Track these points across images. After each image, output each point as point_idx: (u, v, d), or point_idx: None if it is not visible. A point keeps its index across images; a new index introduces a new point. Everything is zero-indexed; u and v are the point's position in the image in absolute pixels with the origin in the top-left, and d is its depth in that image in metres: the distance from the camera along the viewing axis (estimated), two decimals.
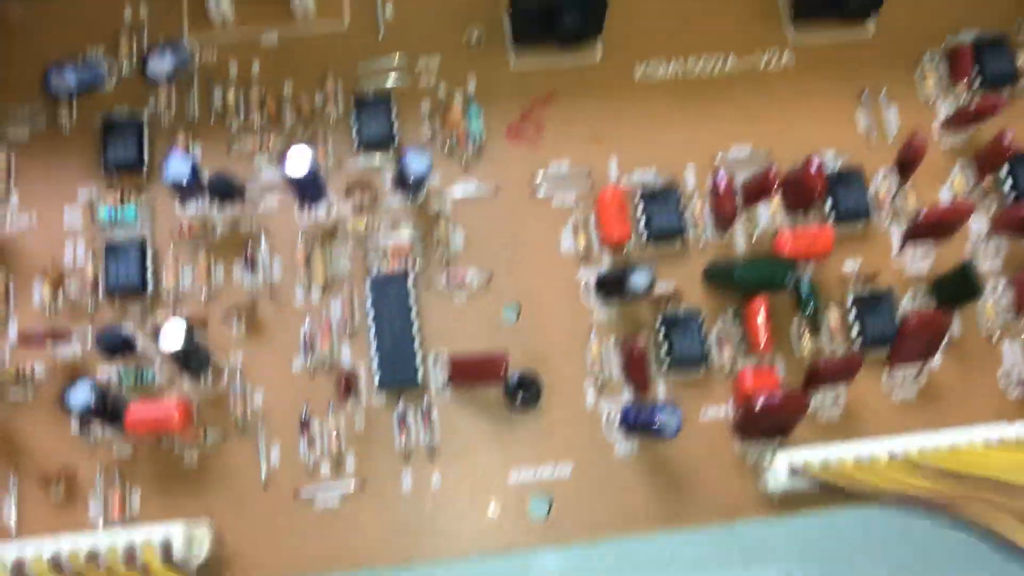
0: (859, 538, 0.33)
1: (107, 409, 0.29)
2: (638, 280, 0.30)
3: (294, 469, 0.31)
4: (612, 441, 0.32)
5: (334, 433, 0.31)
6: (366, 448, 0.31)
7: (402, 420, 0.31)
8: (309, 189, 0.31)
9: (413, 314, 0.32)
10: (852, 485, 0.29)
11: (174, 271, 0.32)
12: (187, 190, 0.31)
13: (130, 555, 0.28)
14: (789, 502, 0.31)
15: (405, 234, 0.33)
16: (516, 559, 0.31)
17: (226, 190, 0.32)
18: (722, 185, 0.31)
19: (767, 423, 0.30)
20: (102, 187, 0.33)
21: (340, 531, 0.30)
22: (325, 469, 0.31)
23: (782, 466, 0.30)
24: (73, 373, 0.31)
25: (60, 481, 0.30)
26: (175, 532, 0.28)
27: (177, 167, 0.30)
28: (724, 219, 0.32)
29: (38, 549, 0.28)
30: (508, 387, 0.32)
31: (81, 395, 0.28)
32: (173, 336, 0.29)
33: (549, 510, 0.31)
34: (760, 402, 0.29)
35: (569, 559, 0.32)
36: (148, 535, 0.28)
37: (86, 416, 0.29)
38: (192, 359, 0.30)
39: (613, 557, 0.32)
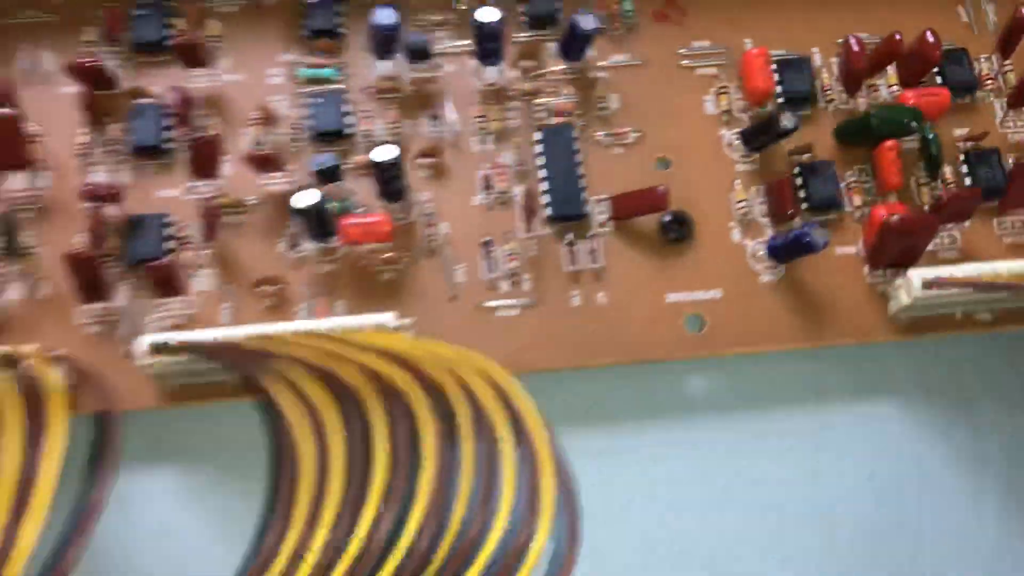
0: (981, 369, 0.36)
1: (322, 218, 0.33)
2: (787, 120, 0.34)
3: (476, 286, 0.35)
4: (756, 271, 0.35)
5: (511, 256, 0.35)
6: (539, 270, 0.35)
7: (571, 247, 0.35)
8: (491, 44, 0.35)
9: (578, 158, 0.36)
10: (986, 282, 0.32)
11: (368, 122, 0.36)
12: (385, 44, 0.36)
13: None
14: (914, 327, 0.35)
15: (568, 96, 0.37)
16: (671, 368, 0.35)
17: (420, 49, 0.36)
18: (854, 44, 0.36)
19: (899, 244, 0.34)
20: (303, 53, 0.37)
21: (517, 340, 0.34)
22: (503, 287, 0.35)
23: (915, 280, 0.33)
24: (284, 200, 0.35)
25: (271, 289, 0.34)
26: (386, 318, 0.32)
27: (386, 15, 0.34)
28: (854, 77, 0.36)
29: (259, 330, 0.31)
30: (663, 224, 0.36)
31: (308, 197, 0.32)
32: (386, 151, 0.33)
33: (701, 327, 0.35)
34: (896, 218, 0.33)
35: (714, 372, 0.36)
36: (360, 321, 0.32)
37: (310, 217, 0.33)
38: (395, 180, 0.34)
39: (746, 376, 0.36)
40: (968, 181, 0.37)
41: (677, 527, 0.35)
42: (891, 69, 0.38)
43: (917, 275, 0.33)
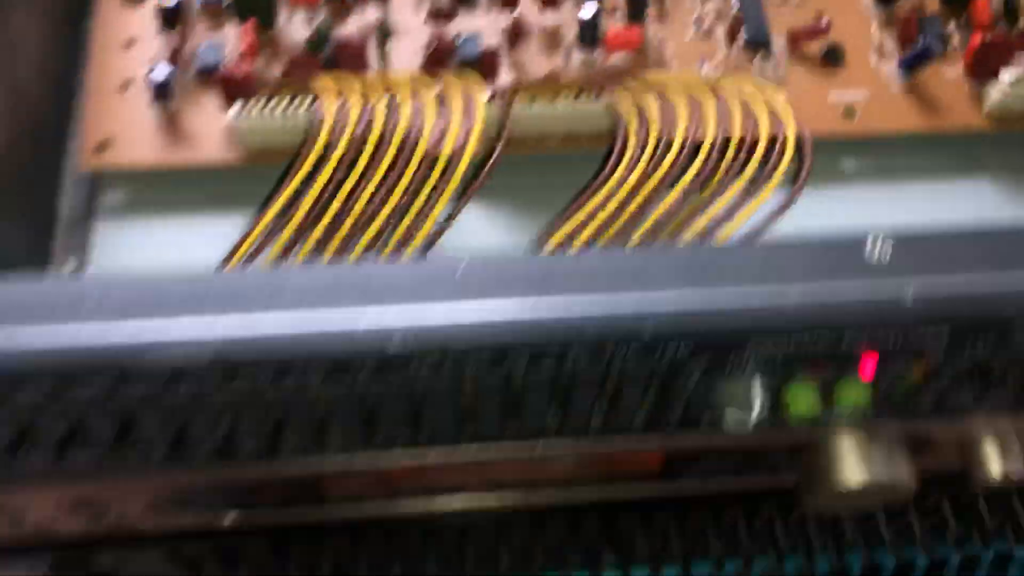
0: None
1: (595, 26, 0.49)
2: None
3: None
4: (888, 82, 0.51)
5: (717, 66, 0.50)
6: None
7: (761, 63, 0.51)
8: None
9: (763, 7, 0.52)
10: None
11: None
12: None
13: None
14: (1004, 120, 0.50)
15: None
16: (831, 147, 0.50)
17: None
18: None
19: (990, 57, 0.49)
20: None
21: None
22: None
23: (1005, 77, 0.48)
24: (556, 30, 0.50)
25: (563, 82, 0.49)
26: None
27: None
28: None
29: None
30: (823, 53, 0.51)
31: (590, 9, 0.48)
32: None
33: (854, 116, 0.50)
34: (989, 36, 0.48)
35: (861, 152, 0.50)
36: None
37: (588, 25, 0.48)
38: (642, 2, 0.50)
39: (883, 154, 0.50)
40: None
41: None
42: None
43: (1006, 74, 0.48)
